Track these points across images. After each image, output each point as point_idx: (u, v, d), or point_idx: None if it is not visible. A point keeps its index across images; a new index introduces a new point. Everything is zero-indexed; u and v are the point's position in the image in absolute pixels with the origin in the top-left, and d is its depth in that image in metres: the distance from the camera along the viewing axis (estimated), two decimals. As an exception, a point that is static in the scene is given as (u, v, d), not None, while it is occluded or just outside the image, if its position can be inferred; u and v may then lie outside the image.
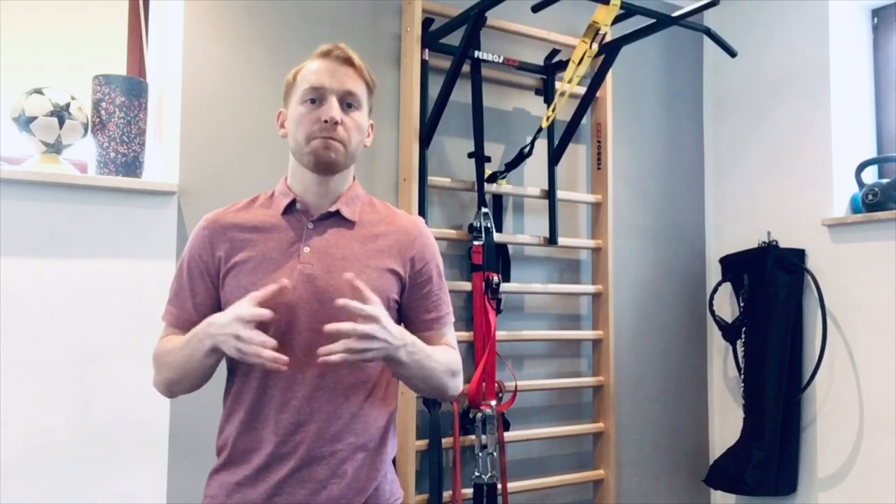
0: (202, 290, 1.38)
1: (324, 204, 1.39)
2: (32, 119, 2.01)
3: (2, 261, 1.92)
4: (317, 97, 1.34)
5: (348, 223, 1.39)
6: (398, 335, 1.26)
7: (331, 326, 1.21)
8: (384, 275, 1.37)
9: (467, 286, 2.51)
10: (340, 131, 1.33)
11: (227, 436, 1.35)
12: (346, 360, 1.21)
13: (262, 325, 1.27)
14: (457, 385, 1.43)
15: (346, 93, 1.35)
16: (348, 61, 1.35)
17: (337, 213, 1.38)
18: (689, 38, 3.17)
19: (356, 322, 1.21)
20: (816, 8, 2.90)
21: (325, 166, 1.35)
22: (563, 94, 2.36)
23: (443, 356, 1.39)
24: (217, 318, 1.25)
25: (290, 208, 1.39)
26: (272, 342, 1.21)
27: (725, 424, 3.13)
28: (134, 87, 2.13)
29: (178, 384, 1.37)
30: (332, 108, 1.32)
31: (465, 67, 2.52)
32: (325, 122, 1.32)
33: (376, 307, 1.24)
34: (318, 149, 1.33)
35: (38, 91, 2.04)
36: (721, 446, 3.09)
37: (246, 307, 1.22)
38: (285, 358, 1.20)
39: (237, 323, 1.21)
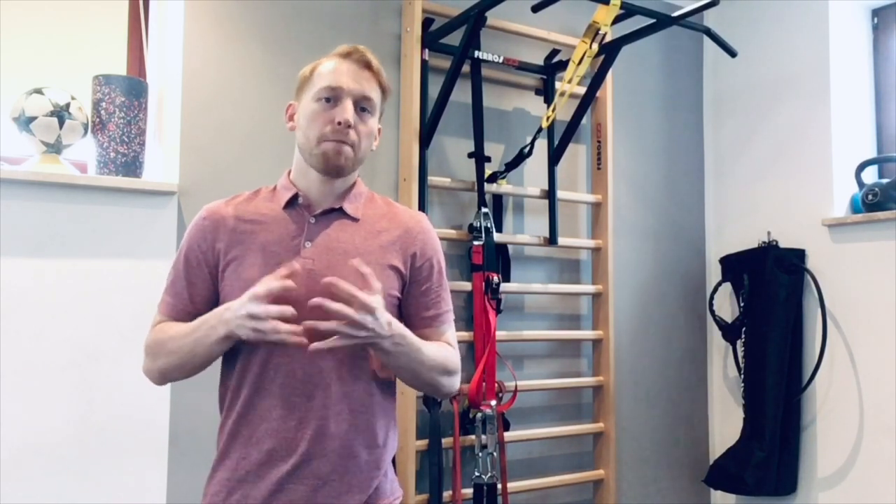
0: (200, 281, 1.37)
1: (327, 200, 1.39)
2: (32, 119, 2.01)
3: (2, 261, 1.91)
4: (332, 97, 1.33)
5: (350, 219, 1.39)
6: (389, 327, 1.24)
7: (316, 301, 1.17)
8: (385, 271, 1.36)
9: (467, 286, 2.51)
10: (352, 135, 1.33)
11: (227, 433, 1.35)
12: (335, 346, 1.19)
13: None
14: (452, 383, 1.42)
15: (363, 97, 1.35)
16: (367, 65, 1.35)
17: (340, 209, 1.38)
18: (689, 38, 3.17)
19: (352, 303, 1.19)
20: (816, 8, 2.90)
21: (332, 170, 1.35)
22: (563, 94, 2.36)
23: (436, 353, 1.37)
24: (233, 303, 1.24)
25: (292, 202, 1.39)
26: (290, 311, 1.17)
27: (725, 424, 3.12)
28: (134, 87, 2.13)
29: (178, 370, 1.35)
30: (347, 111, 1.32)
31: (465, 67, 2.52)
32: (339, 123, 1.32)
33: (374, 297, 1.21)
34: (328, 152, 1.33)
35: (38, 91, 2.03)
36: (721, 446, 3.09)
37: (259, 286, 1.20)
38: (299, 332, 1.17)
39: (250, 302, 1.19)
